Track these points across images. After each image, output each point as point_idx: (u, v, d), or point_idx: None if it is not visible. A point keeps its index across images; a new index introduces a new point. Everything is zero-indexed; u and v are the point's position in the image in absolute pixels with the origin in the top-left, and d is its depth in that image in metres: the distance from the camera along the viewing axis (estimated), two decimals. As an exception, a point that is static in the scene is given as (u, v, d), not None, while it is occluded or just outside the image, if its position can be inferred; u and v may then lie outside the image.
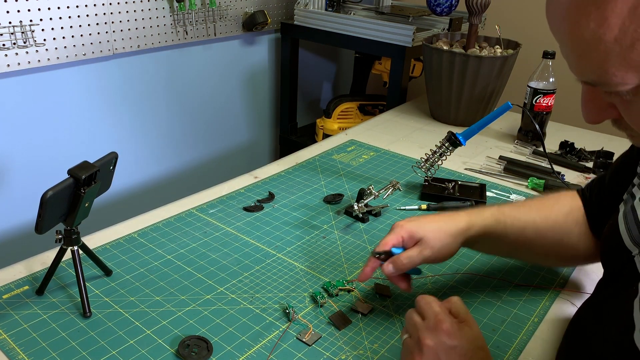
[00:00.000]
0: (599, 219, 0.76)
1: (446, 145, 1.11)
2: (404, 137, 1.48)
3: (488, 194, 1.16)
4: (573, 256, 0.83)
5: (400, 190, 1.07)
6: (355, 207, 1.02)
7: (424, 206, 1.09)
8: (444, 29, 1.89)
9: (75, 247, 0.78)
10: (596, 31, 0.40)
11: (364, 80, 2.26)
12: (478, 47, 1.54)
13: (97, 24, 1.54)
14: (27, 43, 1.41)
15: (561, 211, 0.81)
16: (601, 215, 0.75)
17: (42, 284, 0.80)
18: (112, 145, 1.71)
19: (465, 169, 1.29)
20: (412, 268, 0.75)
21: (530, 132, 1.42)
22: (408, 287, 0.77)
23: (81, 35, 1.51)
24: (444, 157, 1.13)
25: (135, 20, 1.62)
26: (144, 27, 1.65)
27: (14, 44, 1.38)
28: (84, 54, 1.53)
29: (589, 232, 0.80)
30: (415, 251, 0.74)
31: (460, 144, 1.09)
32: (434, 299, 0.65)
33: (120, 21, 1.59)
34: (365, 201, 1.03)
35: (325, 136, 2.00)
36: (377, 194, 1.04)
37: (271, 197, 1.12)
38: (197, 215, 1.04)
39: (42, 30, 1.43)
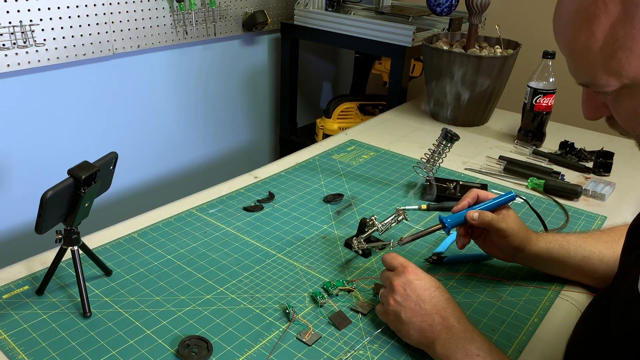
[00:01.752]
0: None
1: (444, 143, 1.11)
2: (404, 137, 1.48)
3: (488, 194, 1.15)
4: None
5: (407, 220, 0.97)
6: (355, 242, 0.92)
7: (424, 206, 1.09)
8: (444, 29, 1.89)
9: (75, 247, 0.78)
10: (586, 42, 0.49)
11: (364, 80, 2.26)
12: (478, 47, 1.54)
13: (97, 24, 1.54)
14: (27, 43, 1.41)
15: None
16: None
17: (42, 284, 0.80)
18: (112, 145, 1.71)
19: (465, 169, 1.29)
20: (486, 224, 0.83)
21: (530, 132, 1.42)
22: (467, 241, 0.87)
23: (81, 35, 1.51)
24: (444, 155, 1.13)
25: (135, 20, 1.62)
26: (144, 27, 1.65)
27: (14, 44, 1.38)
28: (84, 54, 1.53)
29: None
30: (497, 217, 0.83)
31: (457, 139, 1.09)
32: (396, 253, 0.78)
33: (120, 21, 1.59)
34: (366, 235, 0.93)
35: (325, 136, 2.00)
36: (380, 225, 0.92)
37: (271, 197, 1.12)
38: (197, 215, 1.04)
39: (42, 30, 1.43)
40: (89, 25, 1.52)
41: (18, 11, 1.37)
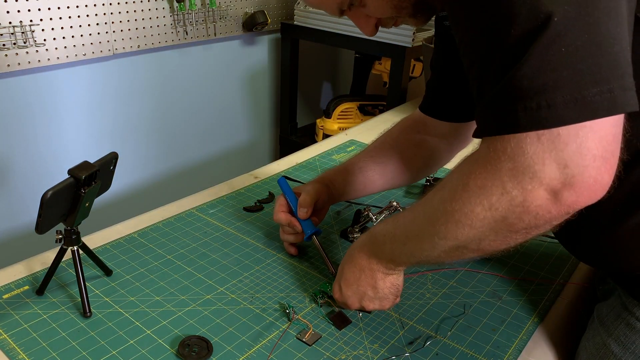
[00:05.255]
0: (446, 103, 0.92)
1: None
2: (404, 137, 1.47)
3: (488, 194, 1.15)
4: (427, 159, 0.97)
5: (401, 210, 0.99)
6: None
7: (424, 206, 1.09)
8: (444, 29, 1.89)
9: (75, 247, 0.78)
10: None
11: (364, 80, 2.26)
12: (478, 47, 1.53)
13: (97, 24, 1.54)
14: (27, 43, 1.41)
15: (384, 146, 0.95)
16: (445, 98, 0.92)
17: (42, 284, 0.80)
18: (112, 145, 1.71)
19: (465, 169, 1.29)
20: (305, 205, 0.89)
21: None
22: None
23: (81, 35, 1.51)
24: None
25: (135, 20, 1.62)
26: (144, 27, 1.65)
27: (14, 44, 1.38)
28: (84, 54, 1.53)
29: (431, 126, 0.94)
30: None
31: None
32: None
33: (120, 21, 1.59)
34: (361, 225, 0.98)
35: (325, 136, 2.00)
36: (374, 217, 0.98)
37: (271, 197, 1.12)
38: (197, 215, 1.04)
39: (42, 30, 1.43)
40: (89, 25, 1.52)
41: (18, 11, 1.37)
